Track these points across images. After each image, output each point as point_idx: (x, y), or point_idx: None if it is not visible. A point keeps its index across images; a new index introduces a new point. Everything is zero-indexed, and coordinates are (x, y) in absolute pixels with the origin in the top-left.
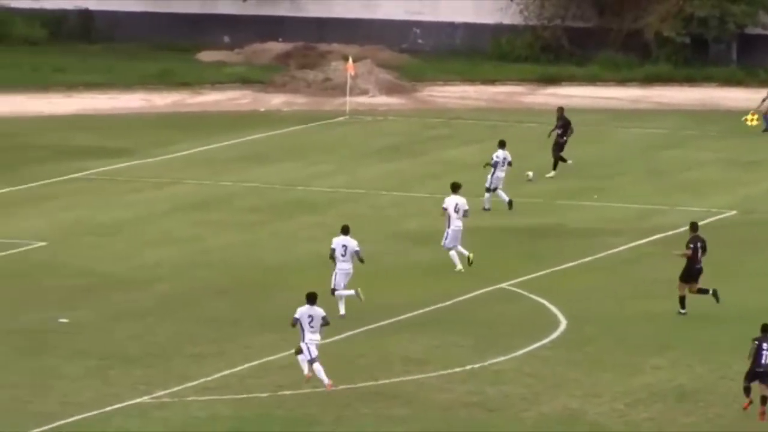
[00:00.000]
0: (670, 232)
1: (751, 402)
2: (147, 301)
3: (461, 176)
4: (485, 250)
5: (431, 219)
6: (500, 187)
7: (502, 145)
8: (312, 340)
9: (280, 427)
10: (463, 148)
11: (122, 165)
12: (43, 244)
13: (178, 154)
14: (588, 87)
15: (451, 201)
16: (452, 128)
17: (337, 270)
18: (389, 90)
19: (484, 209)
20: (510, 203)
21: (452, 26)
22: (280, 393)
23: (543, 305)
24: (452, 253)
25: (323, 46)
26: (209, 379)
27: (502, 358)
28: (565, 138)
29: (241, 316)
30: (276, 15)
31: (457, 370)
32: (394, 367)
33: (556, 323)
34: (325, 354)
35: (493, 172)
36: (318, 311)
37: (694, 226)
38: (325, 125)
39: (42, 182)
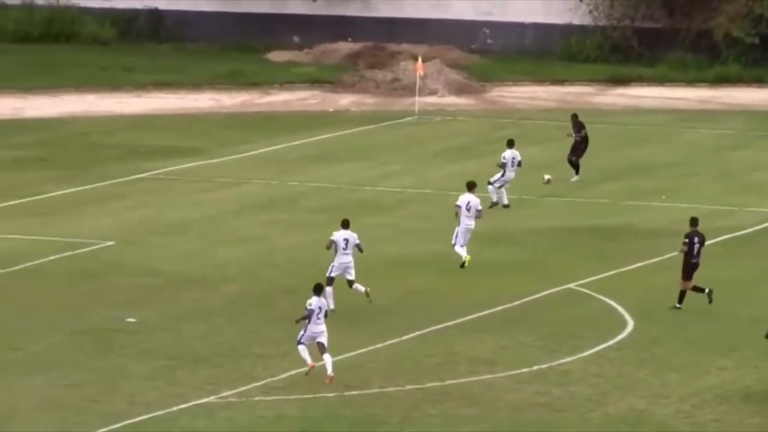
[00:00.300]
0: (738, 233)
1: None
2: (214, 301)
3: (530, 177)
4: (553, 251)
5: (498, 219)
6: (506, 186)
7: (510, 144)
8: (320, 330)
9: (346, 427)
10: (531, 149)
11: (191, 165)
12: (110, 243)
13: (247, 154)
14: (657, 87)
15: (464, 199)
16: (521, 129)
17: (337, 262)
18: (458, 90)
19: (493, 203)
20: (495, 205)
21: (522, 26)
22: (346, 393)
23: (610, 306)
24: (458, 248)
25: (393, 46)
26: (276, 378)
27: (569, 359)
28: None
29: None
30: (346, 15)
31: (525, 370)
32: (461, 367)
33: (623, 324)
34: (392, 353)
35: (503, 173)
36: (324, 303)
37: (693, 221)
38: (393, 125)
39: (111, 182)
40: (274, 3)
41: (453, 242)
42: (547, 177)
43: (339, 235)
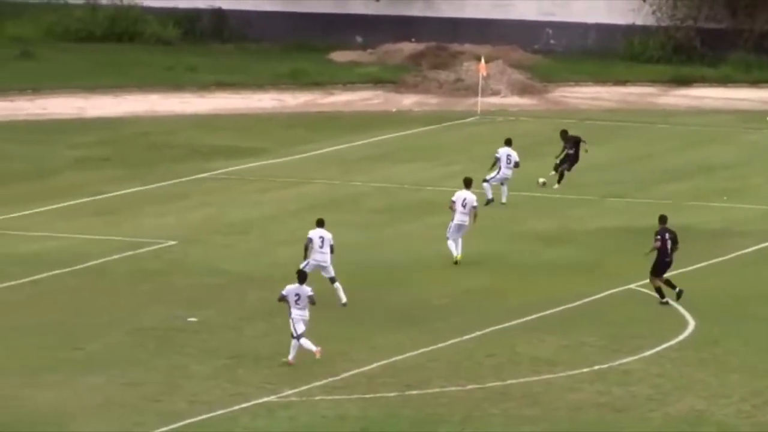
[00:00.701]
0: None
1: None
2: (275, 301)
3: (592, 176)
4: (614, 251)
5: (560, 219)
6: (506, 184)
7: (508, 143)
8: (299, 315)
9: (407, 426)
10: (593, 149)
11: (253, 164)
12: (173, 243)
13: (309, 153)
14: (719, 88)
15: (460, 195)
16: (583, 129)
17: (312, 259)
18: (521, 90)
19: (488, 200)
20: (490, 202)
21: (584, 27)
22: (407, 392)
23: (671, 306)
24: (450, 242)
25: (455, 47)
26: (337, 378)
27: (630, 359)
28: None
29: (368, 315)
30: (409, 15)
31: (586, 370)
32: (522, 367)
33: (683, 324)
34: (453, 353)
35: (498, 170)
36: (305, 290)
37: (662, 219)
38: (456, 125)
39: (173, 181)
40: (336, 3)
41: (447, 236)
42: (541, 180)
43: (315, 233)
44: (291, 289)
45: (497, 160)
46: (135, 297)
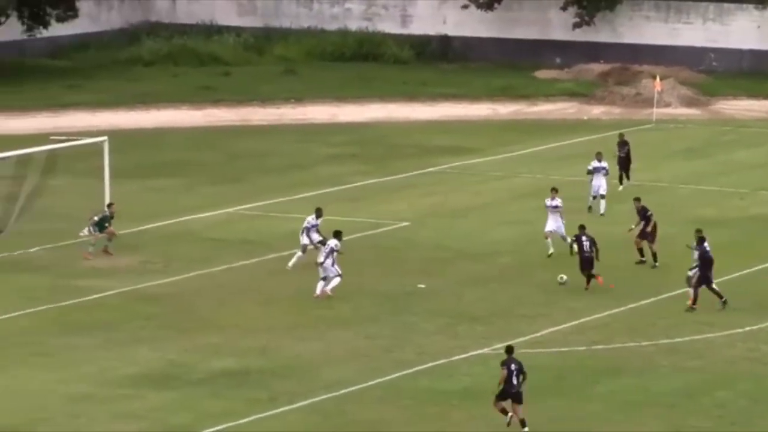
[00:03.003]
0: None
1: None
2: (490, 271)
3: (745, 175)
4: (764, 234)
5: (719, 208)
6: (600, 192)
7: (598, 156)
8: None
9: (593, 375)
10: (748, 151)
11: (472, 161)
12: (406, 224)
13: (517, 153)
14: None
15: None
16: (739, 135)
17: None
18: (688, 103)
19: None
20: (590, 209)
21: (740, 52)
22: (594, 347)
23: None
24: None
25: (635, 67)
26: (537, 335)
27: None
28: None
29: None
30: (598, 41)
31: (739, 330)
32: (687, 327)
33: None
34: (631, 315)
35: (591, 180)
36: (331, 243)
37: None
38: (635, 131)
39: (407, 174)
40: (541, 30)
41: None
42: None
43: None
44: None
45: (590, 172)
46: (375, 267)
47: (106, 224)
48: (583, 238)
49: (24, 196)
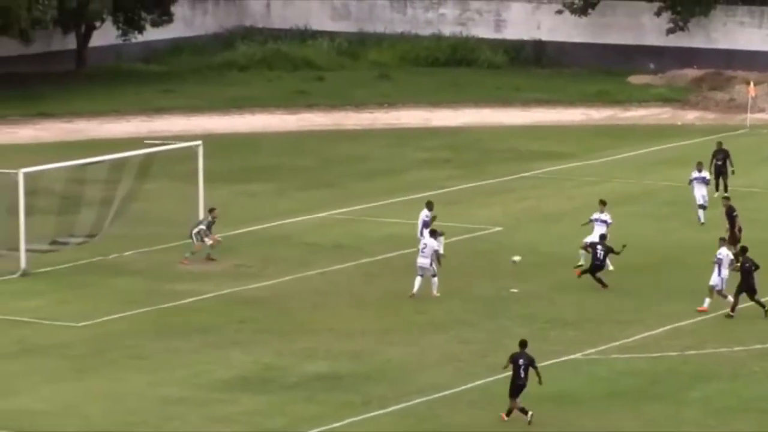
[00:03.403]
0: None
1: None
2: (583, 277)
3: None
4: None
5: None
6: (701, 202)
7: (698, 166)
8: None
9: (686, 380)
10: None
11: (565, 166)
12: (499, 228)
13: (610, 158)
14: None
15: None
16: None
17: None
18: None
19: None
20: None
21: None
22: (686, 353)
23: None
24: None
25: (729, 72)
26: (629, 340)
27: None
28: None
29: (655, 289)
30: (692, 47)
31: None
32: None
33: None
34: (723, 320)
35: (692, 189)
36: (432, 243)
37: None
38: (729, 136)
39: (500, 179)
40: (635, 35)
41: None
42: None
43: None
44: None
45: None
46: (469, 271)
47: (202, 226)
48: (599, 247)
49: (118, 200)
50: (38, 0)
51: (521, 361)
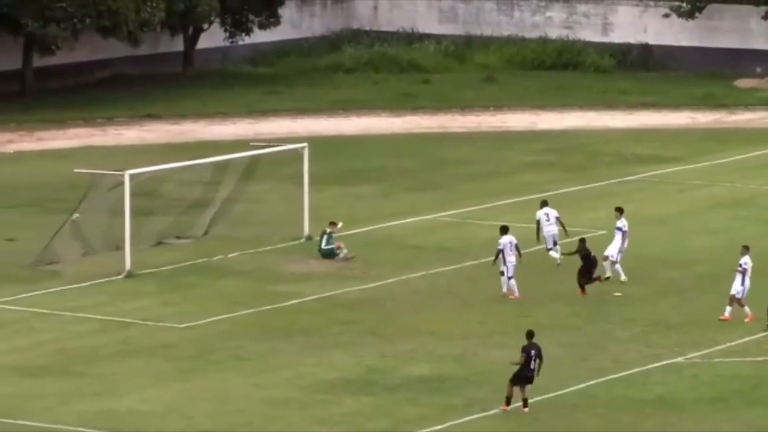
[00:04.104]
0: None
1: None
2: (686, 280)
3: None
4: None
5: None
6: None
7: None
8: (511, 261)
9: None
10: None
11: (670, 170)
12: (603, 232)
13: (716, 161)
14: None
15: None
16: None
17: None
18: None
19: None
20: None
21: None
22: None
23: None
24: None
25: None
26: (733, 344)
27: None
28: None
29: (759, 293)
30: None
31: None
32: None
33: None
34: None
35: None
36: (512, 239)
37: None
38: None
39: (605, 182)
40: (741, 39)
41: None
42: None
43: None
44: (504, 241)
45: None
46: (572, 275)
47: (326, 237)
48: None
49: (221, 202)
50: (146, 2)
51: (533, 352)
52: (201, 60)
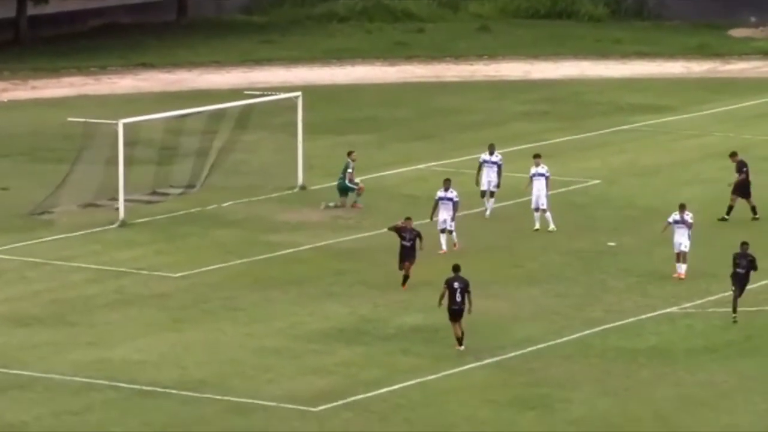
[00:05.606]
0: None
1: None
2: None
3: None
4: None
5: None
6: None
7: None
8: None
9: None
10: None
11: (664, 119)
12: (597, 181)
13: (709, 111)
14: None
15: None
16: None
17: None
18: None
19: None
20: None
21: None
22: None
23: None
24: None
25: None
26: (726, 294)
27: None
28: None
29: (752, 244)
30: None
31: None
32: None
33: None
34: None
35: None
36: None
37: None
38: None
39: (598, 132)
40: None
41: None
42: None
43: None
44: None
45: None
46: (566, 225)
47: (349, 170)
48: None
49: (216, 151)
50: None
51: (456, 285)
52: (194, 8)
